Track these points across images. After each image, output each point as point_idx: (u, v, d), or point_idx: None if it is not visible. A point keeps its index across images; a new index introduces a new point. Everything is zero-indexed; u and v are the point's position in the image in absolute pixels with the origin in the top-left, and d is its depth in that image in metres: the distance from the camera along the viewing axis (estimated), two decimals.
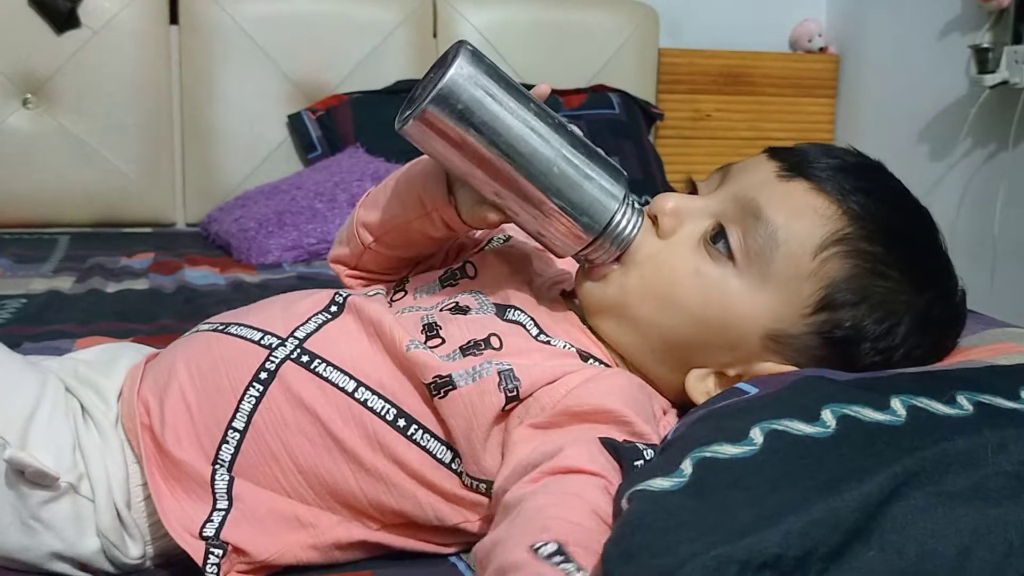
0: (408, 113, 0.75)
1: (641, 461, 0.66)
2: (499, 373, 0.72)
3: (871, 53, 2.91)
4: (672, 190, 0.92)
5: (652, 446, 0.68)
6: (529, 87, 0.79)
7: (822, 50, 3.02)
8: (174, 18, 2.44)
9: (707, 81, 2.90)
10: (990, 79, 2.36)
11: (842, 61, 3.00)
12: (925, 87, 2.67)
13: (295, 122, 2.48)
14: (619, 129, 2.56)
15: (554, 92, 2.50)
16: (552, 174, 0.75)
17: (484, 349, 0.75)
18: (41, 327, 1.38)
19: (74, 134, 2.36)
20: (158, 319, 1.46)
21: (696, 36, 2.91)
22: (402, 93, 2.46)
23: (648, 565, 0.47)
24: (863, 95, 2.94)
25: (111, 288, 1.69)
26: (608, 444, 0.67)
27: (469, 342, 0.76)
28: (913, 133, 2.68)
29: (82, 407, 0.77)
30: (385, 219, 0.89)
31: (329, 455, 0.73)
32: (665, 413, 0.79)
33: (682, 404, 0.79)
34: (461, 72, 0.72)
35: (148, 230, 2.42)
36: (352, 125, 2.42)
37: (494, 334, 0.76)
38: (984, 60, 2.38)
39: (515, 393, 0.72)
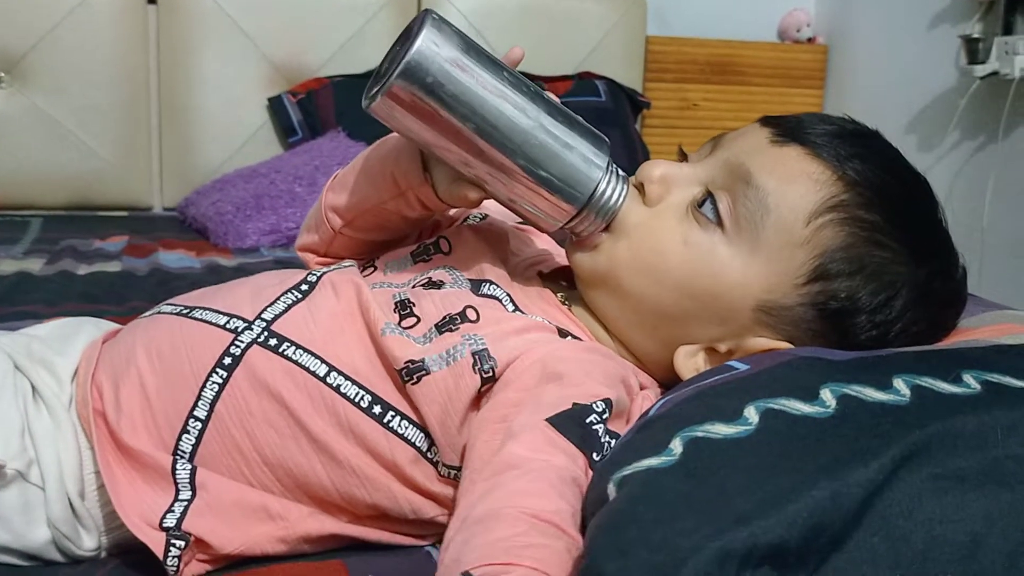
0: (375, 90, 0.70)
1: (594, 416, 0.63)
2: (473, 355, 0.68)
3: (860, 43, 2.89)
4: None
5: (606, 400, 0.65)
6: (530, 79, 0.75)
7: (810, 40, 2.99)
8: None
9: (694, 70, 2.87)
10: (980, 70, 2.33)
11: (830, 51, 2.97)
12: (914, 78, 2.64)
13: (275, 105, 2.44)
14: (605, 117, 2.53)
15: (540, 79, 2.48)
16: (531, 145, 0.71)
17: (460, 323, 0.71)
18: (8, 308, 1.34)
19: (48, 114, 2.30)
20: (129, 300, 1.42)
21: (684, 24, 2.87)
22: None
23: (644, 562, 0.43)
24: (851, 86, 2.91)
25: (82, 270, 1.64)
26: (557, 423, 0.63)
27: (444, 317, 0.72)
28: (902, 124, 2.65)
29: (33, 388, 0.72)
30: (356, 201, 0.84)
31: (298, 446, 0.69)
32: (643, 388, 0.74)
33: (667, 383, 0.76)
34: (428, 42, 0.68)
35: (124, 213, 2.37)
36: (333, 109, 2.37)
37: (470, 306, 0.72)
38: (974, 51, 2.35)
39: (491, 374, 0.68)
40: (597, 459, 0.61)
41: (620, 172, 0.75)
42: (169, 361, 0.71)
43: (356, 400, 0.69)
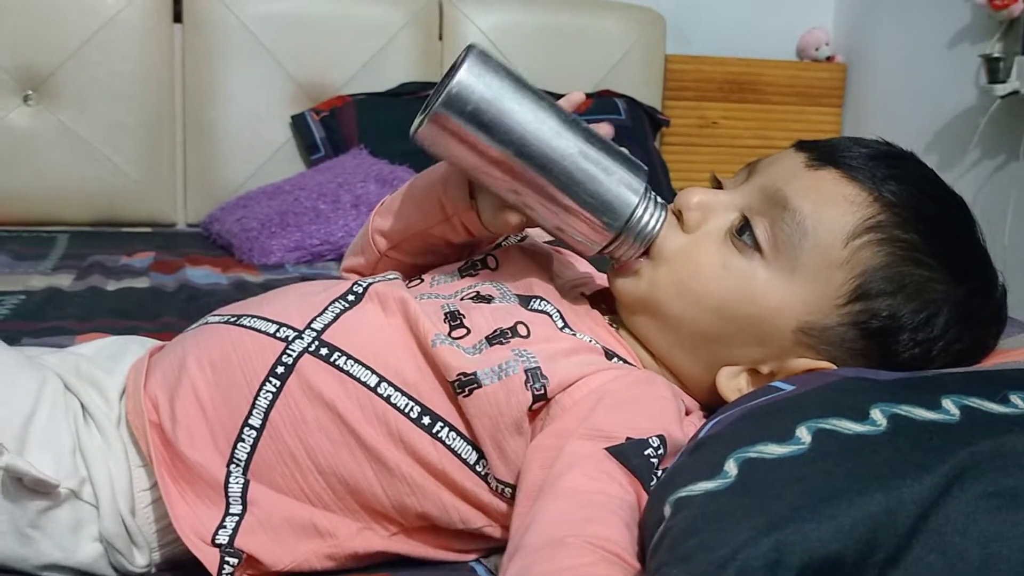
0: (421, 118, 0.75)
1: (650, 451, 0.64)
2: (526, 371, 0.69)
3: (879, 62, 2.89)
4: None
5: (660, 436, 0.66)
6: (553, 96, 0.78)
7: (829, 59, 3.00)
8: (178, 16, 2.42)
9: (713, 88, 2.88)
10: (1001, 89, 2.34)
11: (849, 70, 2.98)
12: (934, 97, 2.64)
13: (298, 123, 2.46)
14: (625, 135, 2.53)
15: (560, 96, 2.49)
16: (569, 171, 0.74)
17: (511, 337, 0.72)
18: (41, 323, 1.35)
19: (75, 132, 2.33)
20: (161, 317, 1.43)
21: (703, 43, 2.89)
22: (406, 96, 2.45)
23: (704, 560, 0.44)
24: (870, 104, 2.92)
25: (111, 286, 1.66)
26: (617, 453, 0.64)
27: (495, 331, 0.73)
28: (921, 143, 2.65)
29: (83, 407, 0.73)
30: (403, 226, 0.87)
31: (350, 454, 0.69)
32: (689, 413, 0.76)
33: (710, 405, 0.76)
34: (469, 74, 0.72)
35: (148, 230, 2.39)
36: (356, 126, 2.39)
37: (520, 322, 0.74)
38: (995, 70, 2.36)
39: (543, 392, 0.69)
40: (651, 487, 0.62)
41: (658, 199, 0.78)
42: (221, 370, 0.72)
43: (406, 411, 0.70)
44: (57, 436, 0.70)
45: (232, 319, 0.77)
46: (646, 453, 0.64)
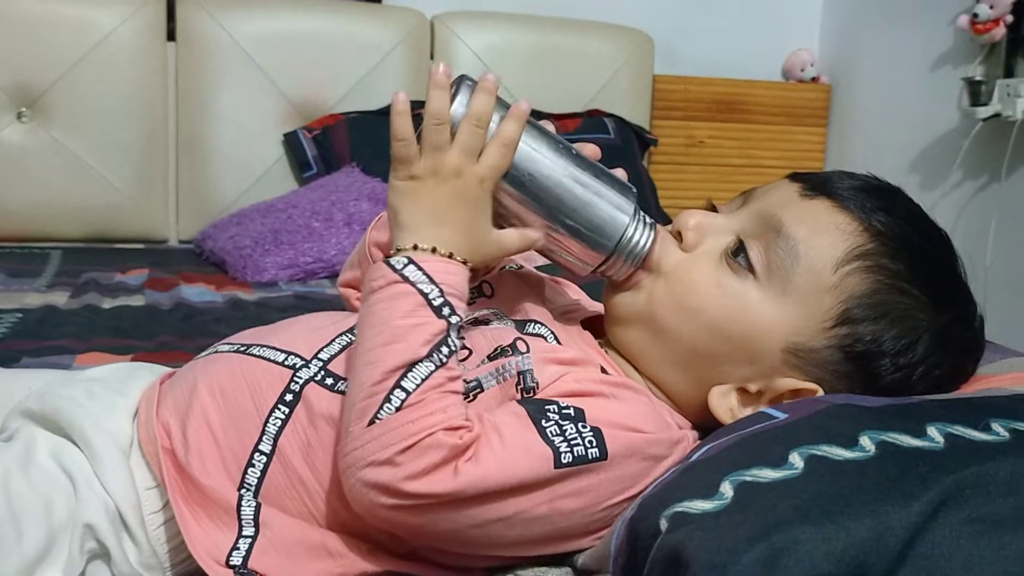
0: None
1: (553, 408, 0.69)
2: (519, 373, 0.73)
3: (863, 84, 2.94)
4: (666, 216, 0.93)
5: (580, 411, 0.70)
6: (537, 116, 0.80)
7: (814, 80, 3.05)
8: (171, 35, 2.44)
9: (700, 108, 2.92)
10: (982, 112, 2.38)
11: (834, 91, 3.03)
12: (917, 118, 2.69)
13: (291, 141, 2.48)
14: (613, 154, 2.56)
15: (549, 116, 2.53)
16: (561, 197, 0.76)
17: (512, 354, 0.75)
18: (39, 342, 1.36)
19: (68, 148, 2.34)
20: (158, 336, 1.45)
21: (690, 63, 2.93)
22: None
23: (705, 563, 0.47)
24: (854, 125, 2.97)
25: (107, 304, 1.67)
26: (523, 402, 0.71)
27: (496, 349, 0.76)
28: (904, 164, 2.70)
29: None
30: (359, 274, 0.89)
31: None
32: (680, 428, 0.78)
33: (698, 423, 0.79)
34: (460, 105, 0.74)
35: (140, 246, 2.41)
36: (348, 145, 2.41)
37: (520, 338, 0.77)
38: (977, 92, 2.40)
39: (531, 394, 0.73)
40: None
41: (647, 219, 0.80)
42: (232, 397, 0.74)
43: None
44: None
45: (242, 348, 0.79)
46: (547, 408, 0.69)
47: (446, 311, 0.69)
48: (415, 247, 0.72)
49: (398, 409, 0.65)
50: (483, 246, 0.76)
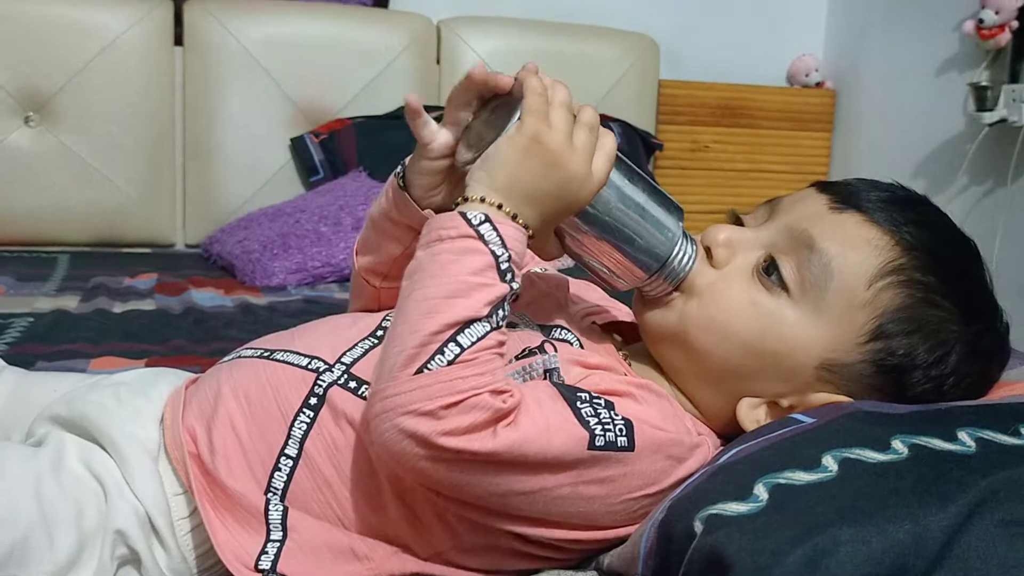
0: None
1: (584, 394, 0.69)
2: (546, 372, 0.73)
3: (868, 89, 2.95)
4: None
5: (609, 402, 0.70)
6: None
7: (819, 85, 3.05)
8: (179, 39, 2.44)
9: (706, 113, 2.93)
10: (988, 117, 2.39)
11: (838, 96, 3.04)
12: (922, 124, 2.69)
13: (297, 145, 2.48)
14: None
15: None
16: (619, 217, 0.76)
17: (539, 355, 0.75)
18: (53, 346, 1.36)
19: (76, 152, 2.34)
20: (169, 340, 1.45)
21: (696, 69, 2.94)
22: (404, 119, 2.46)
23: (749, 565, 0.47)
24: (859, 130, 2.97)
25: (117, 308, 1.67)
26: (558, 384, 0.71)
27: (524, 350, 0.76)
28: (909, 169, 2.70)
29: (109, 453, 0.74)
30: (383, 258, 0.88)
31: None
32: (699, 434, 0.78)
33: (724, 433, 0.79)
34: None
35: (147, 250, 2.41)
36: (355, 149, 2.41)
37: (547, 341, 0.77)
38: (983, 98, 2.41)
39: None
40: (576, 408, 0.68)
41: (690, 237, 0.79)
42: (257, 402, 0.74)
43: None
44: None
45: (265, 353, 0.79)
46: (579, 393, 0.69)
47: (509, 276, 0.68)
48: (499, 206, 0.70)
49: (450, 363, 0.64)
50: (546, 240, 0.76)
